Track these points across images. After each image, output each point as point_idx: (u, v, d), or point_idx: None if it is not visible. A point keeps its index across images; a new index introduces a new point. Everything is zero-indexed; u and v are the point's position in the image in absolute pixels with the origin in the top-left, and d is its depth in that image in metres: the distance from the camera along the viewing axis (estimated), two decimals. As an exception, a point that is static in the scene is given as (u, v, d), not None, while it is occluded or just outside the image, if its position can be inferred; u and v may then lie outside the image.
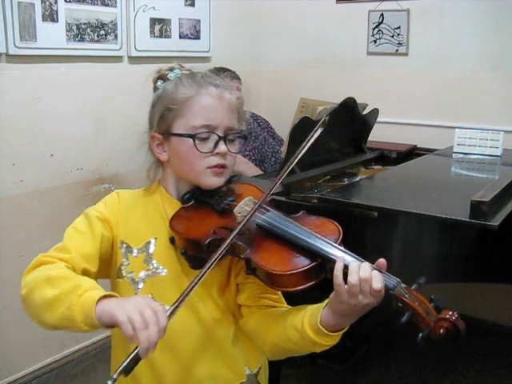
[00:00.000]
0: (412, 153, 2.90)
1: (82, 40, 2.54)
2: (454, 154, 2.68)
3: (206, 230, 1.17)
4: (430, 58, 3.09)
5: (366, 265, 1.02)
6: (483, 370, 2.64)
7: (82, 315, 1.01)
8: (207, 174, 1.23)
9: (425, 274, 1.04)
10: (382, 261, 1.05)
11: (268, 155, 2.98)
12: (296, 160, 1.18)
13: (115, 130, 2.73)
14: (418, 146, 2.97)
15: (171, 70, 1.29)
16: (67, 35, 2.47)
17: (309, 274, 1.06)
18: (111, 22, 2.65)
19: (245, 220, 1.12)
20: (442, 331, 0.95)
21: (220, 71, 2.74)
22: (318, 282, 1.07)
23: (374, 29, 3.26)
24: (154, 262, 1.23)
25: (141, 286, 1.23)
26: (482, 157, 2.62)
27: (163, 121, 1.24)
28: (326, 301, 1.09)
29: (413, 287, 1.01)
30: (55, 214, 2.53)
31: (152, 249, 1.24)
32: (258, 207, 1.15)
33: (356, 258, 1.06)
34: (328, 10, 3.38)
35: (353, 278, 1.00)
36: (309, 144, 1.17)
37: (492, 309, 2.37)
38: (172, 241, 1.23)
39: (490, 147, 2.63)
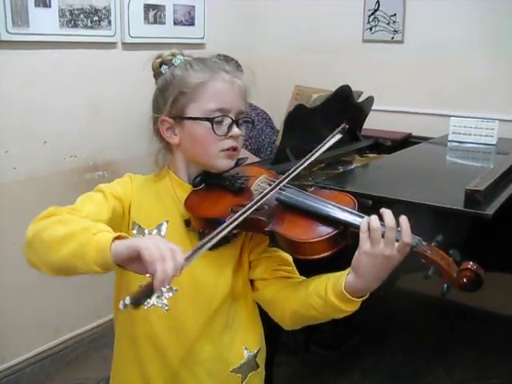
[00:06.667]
0: (407, 141, 2.89)
1: (76, 26, 2.51)
2: (448, 143, 2.68)
3: (223, 209, 1.20)
4: (425, 46, 3.08)
5: (391, 216, 1.09)
6: (476, 358, 2.65)
7: (94, 252, 1.01)
8: (220, 157, 1.27)
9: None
10: (404, 217, 1.10)
11: (264, 145, 2.97)
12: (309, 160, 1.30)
13: (109, 117, 2.71)
14: (413, 134, 2.97)
15: (173, 55, 1.31)
16: (60, 21, 2.44)
17: (333, 241, 1.12)
18: (105, 7, 2.62)
19: (267, 190, 1.17)
20: (464, 280, 1.05)
21: (225, 59, 2.73)
22: (340, 248, 1.13)
23: (369, 16, 3.24)
24: None
25: None
26: (476, 145, 2.62)
27: (175, 105, 1.26)
28: (348, 269, 1.13)
29: (432, 244, 1.09)
30: (48, 201, 2.46)
31: (164, 231, 1.26)
32: (278, 183, 1.20)
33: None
34: (324, -3, 3.35)
35: (375, 223, 1.08)
36: (324, 148, 1.33)
37: (486, 297, 2.37)
38: (187, 223, 1.25)
39: (485, 136, 2.63)
